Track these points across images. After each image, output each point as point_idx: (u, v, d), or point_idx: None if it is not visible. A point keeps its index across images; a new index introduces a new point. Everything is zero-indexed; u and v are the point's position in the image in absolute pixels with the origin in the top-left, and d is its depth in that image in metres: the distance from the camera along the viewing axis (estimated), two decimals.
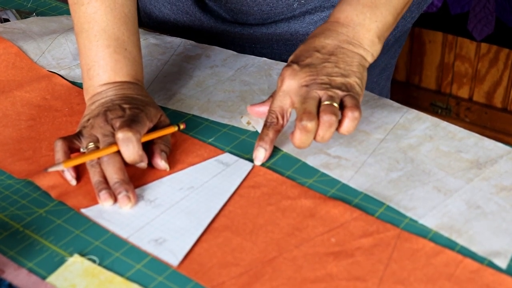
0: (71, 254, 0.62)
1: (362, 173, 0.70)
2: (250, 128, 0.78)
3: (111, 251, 0.62)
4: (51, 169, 0.67)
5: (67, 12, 1.05)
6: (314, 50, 0.73)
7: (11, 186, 0.70)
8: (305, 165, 0.72)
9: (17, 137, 0.77)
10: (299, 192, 0.68)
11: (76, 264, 0.61)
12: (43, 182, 0.69)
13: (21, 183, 0.71)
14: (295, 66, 0.72)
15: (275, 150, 0.74)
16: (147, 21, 1.08)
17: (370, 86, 1.02)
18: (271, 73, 0.87)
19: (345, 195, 0.68)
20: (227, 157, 0.73)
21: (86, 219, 0.66)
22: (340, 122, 0.69)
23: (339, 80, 0.71)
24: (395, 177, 0.69)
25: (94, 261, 0.61)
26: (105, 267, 0.61)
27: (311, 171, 0.71)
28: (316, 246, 0.62)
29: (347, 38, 0.74)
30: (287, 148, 0.74)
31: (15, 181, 0.71)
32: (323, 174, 0.71)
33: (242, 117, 0.78)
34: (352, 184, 0.69)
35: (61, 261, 0.61)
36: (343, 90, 0.70)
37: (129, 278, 0.60)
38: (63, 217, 0.66)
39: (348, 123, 0.69)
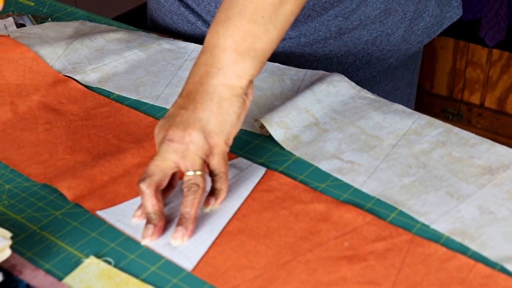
0: (87, 256, 0.63)
1: (374, 178, 0.71)
2: (263, 132, 0.78)
3: (126, 253, 0.63)
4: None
5: (82, 17, 1.06)
6: (179, 95, 0.68)
7: (28, 189, 0.71)
8: (317, 169, 0.73)
9: (33, 141, 0.78)
10: (312, 196, 0.68)
11: (92, 265, 0.62)
12: (59, 184, 0.70)
13: (38, 186, 0.72)
14: (161, 120, 0.67)
15: (288, 154, 0.75)
16: (153, 28, 1.09)
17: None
18: (284, 78, 0.88)
19: (358, 200, 0.68)
20: (240, 161, 0.74)
21: (102, 221, 0.67)
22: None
23: (178, 134, 0.64)
24: (408, 182, 0.70)
25: (109, 263, 0.62)
26: (121, 269, 0.62)
27: (324, 175, 0.72)
28: (330, 250, 0.62)
29: (205, 68, 0.67)
30: (300, 153, 0.75)
31: (32, 183, 0.72)
32: (336, 179, 0.71)
33: (255, 121, 0.79)
34: (364, 189, 0.69)
35: (78, 263, 0.62)
36: (178, 153, 0.64)
37: (144, 280, 0.60)
38: (79, 219, 0.67)
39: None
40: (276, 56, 0.94)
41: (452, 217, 0.65)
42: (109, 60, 0.92)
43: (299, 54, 0.95)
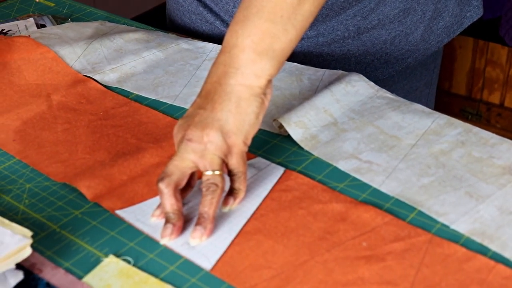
0: (106, 255, 0.63)
1: (393, 178, 0.70)
2: (282, 132, 0.78)
3: (145, 252, 0.64)
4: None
5: (101, 17, 1.07)
6: (197, 95, 0.69)
7: (48, 188, 0.72)
8: (336, 169, 0.72)
9: (53, 140, 0.79)
10: (330, 196, 0.68)
11: (111, 264, 0.62)
12: (79, 184, 0.71)
13: (58, 185, 0.72)
14: (179, 119, 0.68)
15: (307, 154, 0.75)
16: (171, 28, 1.09)
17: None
18: (302, 78, 0.88)
19: (376, 200, 0.68)
20: (258, 161, 0.74)
21: (121, 221, 0.67)
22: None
23: (196, 134, 0.65)
24: (427, 182, 0.69)
25: (129, 262, 0.63)
26: (140, 268, 0.62)
27: (342, 175, 0.72)
28: (348, 250, 0.62)
29: (223, 68, 0.67)
30: (318, 153, 0.75)
31: (52, 183, 0.73)
32: (354, 179, 0.71)
33: (274, 121, 0.79)
34: (383, 189, 0.69)
35: (97, 262, 0.63)
36: (196, 153, 0.64)
37: (163, 279, 0.61)
38: (99, 218, 0.68)
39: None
40: (294, 56, 0.94)
41: (471, 217, 0.65)
42: (128, 60, 0.93)
43: (317, 54, 0.95)
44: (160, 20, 1.26)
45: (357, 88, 0.83)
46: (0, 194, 0.72)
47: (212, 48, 0.95)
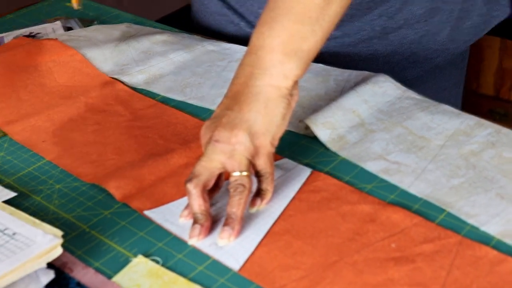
0: (135, 255, 0.64)
1: (422, 179, 0.70)
2: (308, 133, 0.78)
3: (174, 252, 0.64)
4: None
5: (127, 20, 1.08)
6: (224, 95, 0.69)
7: (78, 189, 0.73)
8: (364, 170, 0.72)
9: (83, 141, 0.79)
10: (359, 197, 0.68)
11: (140, 264, 0.63)
12: (108, 184, 0.71)
13: (87, 186, 0.73)
14: (207, 120, 0.68)
15: (334, 155, 0.75)
16: (196, 30, 1.10)
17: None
18: (328, 78, 0.87)
19: (405, 201, 0.68)
20: (286, 162, 0.74)
21: (150, 221, 0.68)
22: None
23: (224, 135, 0.65)
24: (457, 183, 0.68)
25: (157, 262, 0.63)
26: (168, 268, 0.62)
27: (370, 176, 0.71)
28: (377, 251, 0.62)
29: (250, 69, 0.67)
30: (346, 154, 0.74)
31: (81, 183, 0.73)
32: (383, 180, 0.71)
33: (300, 122, 0.79)
34: (412, 190, 0.69)
35: (126, 262, 0.63)
36: (225, 153, 0.65)
37: (191, 279, 0.61)
38: (128, 218, 0.68)
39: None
40: (321, 56, 0.93)
41: (502, 219, 0.64)
42: (155, 61, 0.93)
43: (344, 54, 0.95)
44: (184, 22, 1.26)
45: (384, 89, 0.82)
46: (31, 194, 0.73)
47: (238, 49, 0.95)
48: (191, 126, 0.81)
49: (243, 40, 1.01)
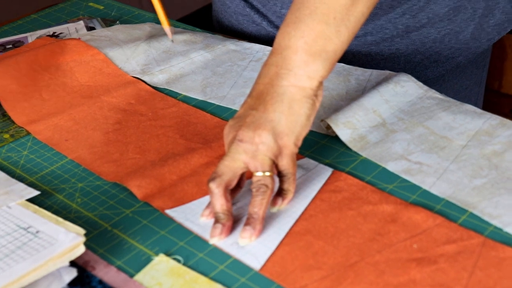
0: (157, 254, 0.64)
1: (444, 179, 0.69)
2: (329, 133, 0.78)
3: (195, 251, 0.64)
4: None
5: (149, 19, 1.08)
6: (248, 95, 0.69)
7: (100, 187, 0.73)
8: (385, 170, 0.72)
9: (104, 140, 0.80)
10: (380, 197, 0.68)
11: (162, 263, 0.63)
12: (129, 183, 0.72)
13: (109, 184, 0.74)
14: (230, 120, 0.68)
15: (355, 155, 0.74)
16: (218, 29, 1.10)
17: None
18: (350, 78, 0.87)
19: (427, 201, 0.67)
20: (307, 162, 0.74)
21: (171, 220, 0.68)
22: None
23: (248, 135, 0.65)
24: (479, 184, 0.68)
25: (179, 261, 0.63)
26: (190, 267, 0.62)
27: (392, 176, 0.71)
28: (398, 251, 0.61)
29: (275, 69, 0.67)
30: (367, 154, 0.74)
31: (103, 182, 0.74)
32: (404, 180, 0.70)
33: (321, 121, 0.79)
34: (434, 191, 0.68)
35: (148, 260, 0.64)
36: (247, 154, 0.65)
37: (212, 279, 0.61)
38: (149, 217, 0.69)
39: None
40: (343, 55, 0.93)
41: None
42: (176, 61, 0.94)
43: (366, 53, 0.95)
44: (205, 21, 1.27)
45: (406, 89, 0.82)
46: (54, 193, 0.73)
47: (258, 49, 0.95)
48: (212, 126, 0.81)
49: (265, 40, 1.01)
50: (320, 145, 0.77)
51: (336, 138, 0.77)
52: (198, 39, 0.98)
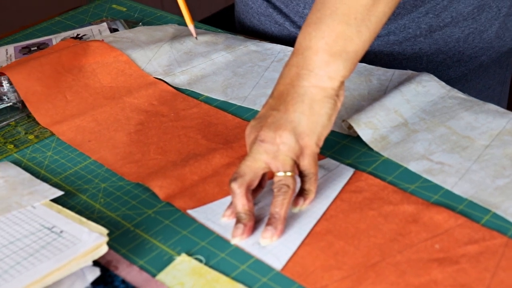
0: (178, 253, 0.65)
1: (466, 179, 0.69)
2: (351, 133, 0.78)
3: (216, 251, 0.64)
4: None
5: (171, 21, 1.09)
6: (270, 96, 0.69)
7: (122, 188, 0.74)
8: (407, 170, 0.71)
9: (127, 141, 0.81)
10: (401, 197, 0.67)
11: (183, 263, 0.63)
12: (151, 184, 0.72)
13: (131, 185, 0.74)
14: (252, 120, 0.68)
15: (377, 155, 0.74)
16: (240, 30, 1.10)
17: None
18: (371, 78, 0.87)
19: (449, 202, 0.67)
20: (328, 162, 0.74)
21: (193, 220, 0.68)
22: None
23: (269, 135, 0.65)
24: (502, 184, 0.67)
25: (200, 261, 0.64)
26: (211, 266, 0.63)
27: (413, 176, 0.71)
28: (420, 252, 0.61)
29: (296, 70, 0.67)
30: (388, 154, 0.74)
31: (126, 182, 0.75)
32: (426, 180, 0.70)
33: (343, 121, 0.79)
34: (456, 191, 0.68)
35: (170, 260, 0.64)
36: (269, 154, 0.65)
37: (234, 278, 0.61)
38: (171, 217, 0.69)
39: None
40: (365, 55, 0.92)
41: None
42: (197, 62, 0.94)
43: (388, 53, 0.94)
44: (228, 22, 1.27)
45: (428, 88, 0.81)
46: (77, 193, 0.74)
47: (279, 49, 0.95)
48: (233, 126, 0.81)
49: (287, 40, 1.01)
50: (342, 145, 0.77)
51: (357, 138, 0.77)
52: (219, 40, 0.99)
